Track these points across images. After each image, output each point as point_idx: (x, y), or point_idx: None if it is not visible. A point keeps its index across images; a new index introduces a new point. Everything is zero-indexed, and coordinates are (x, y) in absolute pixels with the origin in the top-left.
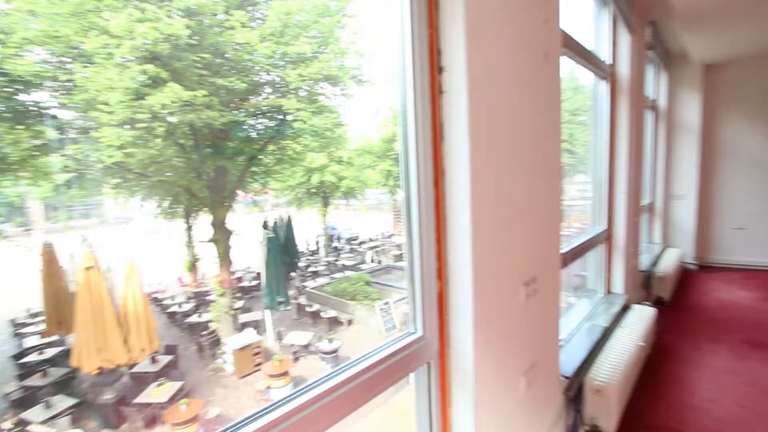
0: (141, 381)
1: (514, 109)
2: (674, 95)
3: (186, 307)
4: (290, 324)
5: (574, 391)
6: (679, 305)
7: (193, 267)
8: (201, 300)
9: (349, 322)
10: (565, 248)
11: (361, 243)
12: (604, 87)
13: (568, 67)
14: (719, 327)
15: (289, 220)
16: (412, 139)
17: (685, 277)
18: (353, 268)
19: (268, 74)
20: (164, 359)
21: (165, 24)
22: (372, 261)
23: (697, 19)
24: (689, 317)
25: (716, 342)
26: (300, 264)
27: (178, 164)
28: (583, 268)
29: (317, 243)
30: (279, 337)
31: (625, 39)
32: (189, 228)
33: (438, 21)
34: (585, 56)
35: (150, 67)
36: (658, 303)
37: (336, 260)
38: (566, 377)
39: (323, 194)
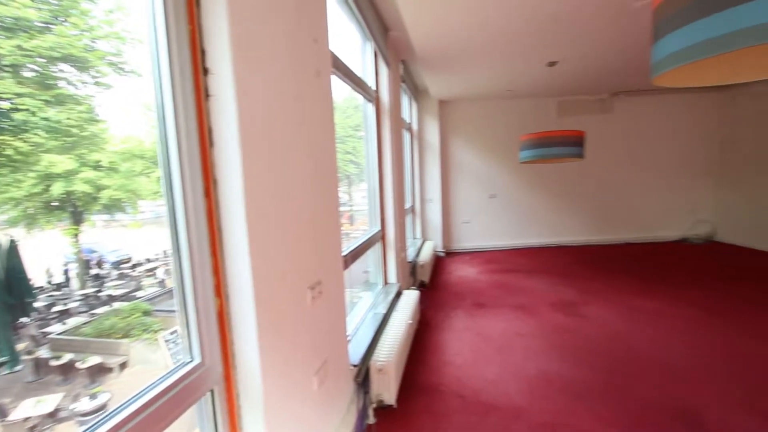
0: None
1: (289, 119)
2: (422, 121)
3: None
4: (22, 390)
5: (362, 376)
6: (435, 285)
7: None
8: None
9: (123, 366)
10: (346, 250)
11: (134, 266)
12: (371, 108)
13: (348, 88)
14: (459, 297)
15: (13, 246)
16: (174, 144)
17: (438, 262)
18: (125, 297)
19: None
20: None
21: None
22: (161, 285)
23: (430, 65)
24: (441, 293)
25: (457, 309)
26: (36, 304)
27: None
28: (368, 265)
29: (66, 272)
30: (2, 413)
31: (384, 71)
32: None
33: (200, 19)
34: (354, 80)
35: None
36: (421, 286)
37: (98, 291)
38: (355, 365)
39: (73, 208)
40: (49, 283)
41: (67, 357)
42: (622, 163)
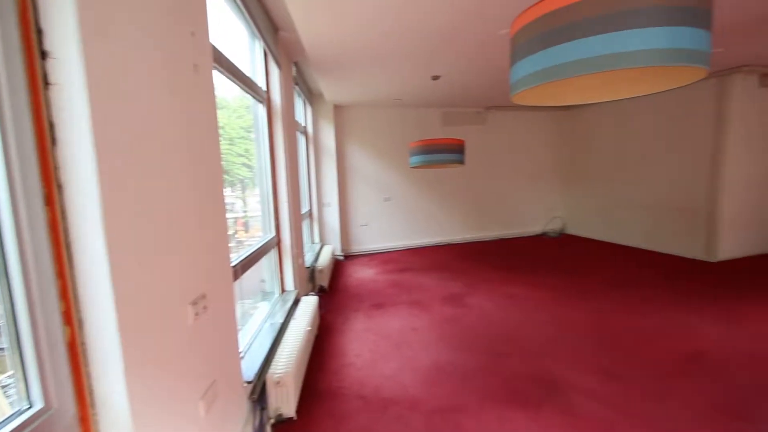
0: None
1: (161, 115)
2: (317, 124)
3: None
4: None
5: (258, 392)
6: (334, 289)
7: None
8: None
9: None
10: (236, 259)
11: None
12: (261, 109)
13: (237, 88)
14: (358, 299)
15: None
16: None
17: (337, 266)
18: None
19: None
20: None
21: None
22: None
23: (323, 69)
24: (341, 297)
25: (357, 311)
26: None
27: None
28: (264, 273)
29: None
30: None
31: (275, 71)
32: None
33: None
34: (241, 79)
35: None
36: (320, 291)
37: None
38: (249, 382)
39: None
40: None
41: None
42: (495, 168)
